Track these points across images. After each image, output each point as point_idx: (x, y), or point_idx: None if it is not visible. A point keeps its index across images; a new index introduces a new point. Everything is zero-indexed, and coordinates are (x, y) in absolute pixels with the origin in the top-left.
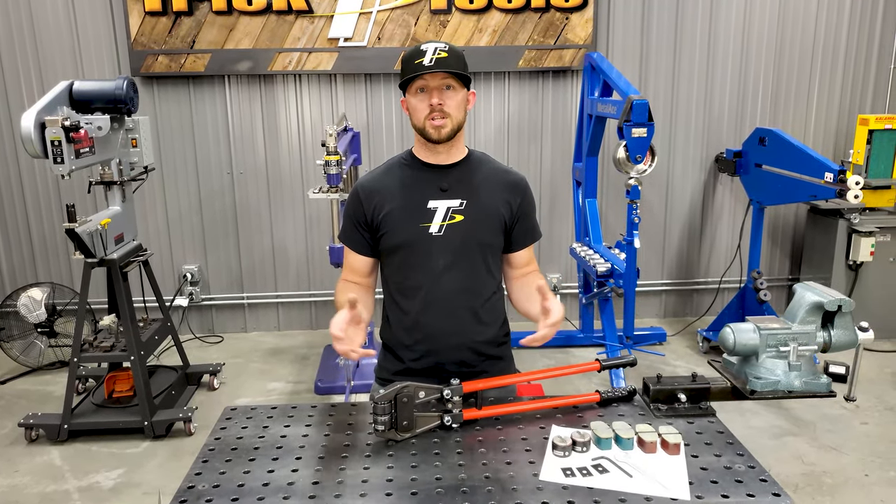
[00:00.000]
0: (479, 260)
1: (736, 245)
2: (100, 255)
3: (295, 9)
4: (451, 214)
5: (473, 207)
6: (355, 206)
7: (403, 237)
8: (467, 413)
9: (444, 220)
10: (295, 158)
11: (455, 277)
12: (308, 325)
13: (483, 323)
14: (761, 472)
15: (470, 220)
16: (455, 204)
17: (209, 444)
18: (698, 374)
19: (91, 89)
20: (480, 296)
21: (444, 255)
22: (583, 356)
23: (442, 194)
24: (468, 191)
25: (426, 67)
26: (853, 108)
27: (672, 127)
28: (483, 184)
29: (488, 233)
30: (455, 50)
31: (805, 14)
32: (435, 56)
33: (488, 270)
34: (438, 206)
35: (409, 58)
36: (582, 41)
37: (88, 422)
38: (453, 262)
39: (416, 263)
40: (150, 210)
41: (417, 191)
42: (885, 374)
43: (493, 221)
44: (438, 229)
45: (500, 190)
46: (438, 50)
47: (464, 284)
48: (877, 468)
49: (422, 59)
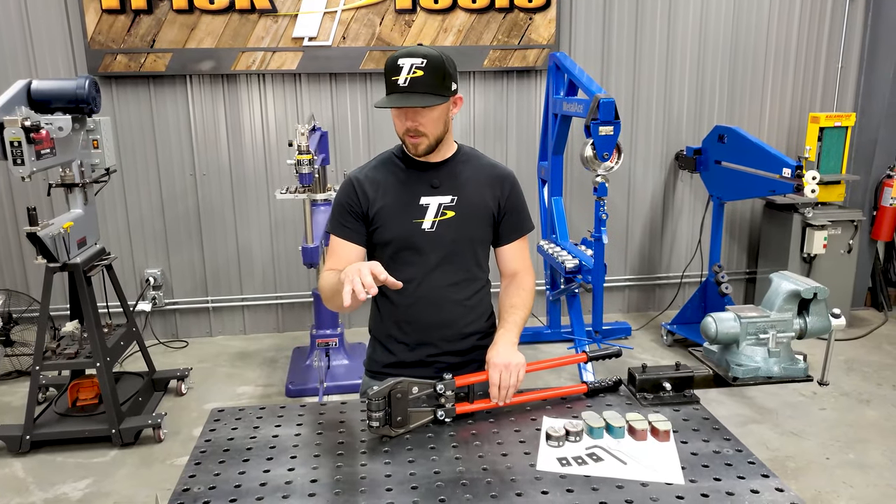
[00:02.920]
0: (469, 254)
1: (696, 240)
2: (63, 259)
3: (258, 8)
4: (443, 210)
5: (464, 203)
6: (350, 196)
7: (396, 232)
8: (460, 407)
9: (436, 217)
10: (259, 159)
11: (446, 272)
12: (275, 328)
13: (471, 315)
14: (749, 455)
15: (461, 216)
16: (446, 200)
17: (199, 446)
18: (681, 363)
19: (51, 89)
20: (470, 289)
21: (436, 251)
22: (551, 352)
23: (433, 191)
24: (458, 187)
25: (399, 89)
26: (804, 106)
27: (633, 126)
28: (472, 179)
29: (478, 228)
30: (433, 63)
31: (758, 17)
32: (410, 76)
33: (478, 264)
34: (430, 203)
35: (387, 71)
36: (545, 41)
37: (52, 431)
38: (445, 257)
39: (409, 259)
40: (111, 213)
41: (410, 187)
42: (839, 362)
43: (483, 216)
44: (431, 225)
45: (488, 185)
46: (414, 68)
47: (454, 278)
48: (836, 451)
49: (397, 77)
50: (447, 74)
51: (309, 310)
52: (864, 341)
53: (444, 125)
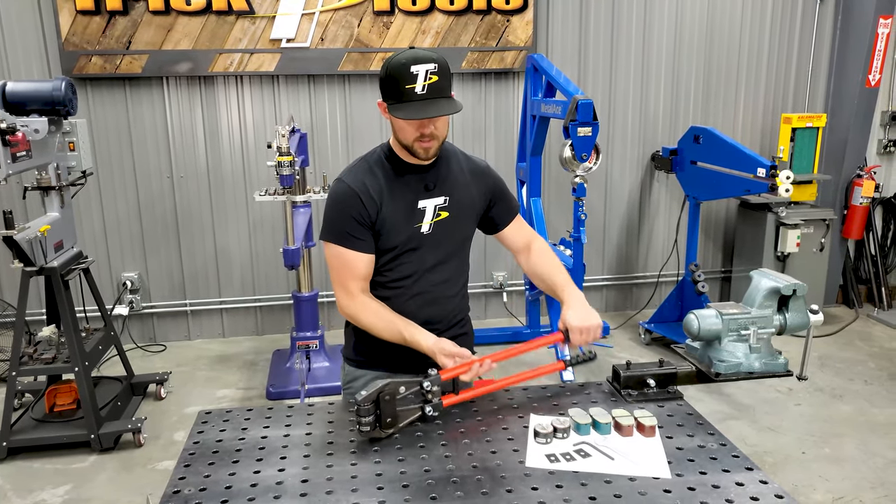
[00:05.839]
0: (460, 251)
1: (673, 240)
2: (40, 263)
3: (235, 9)
4: (438, 212)
5: (455, 203)
6: (359, 208)
7: (400, 239)
8: (446, 400)
9: (432, 219)
10: (237, 161)
11: (440, 269)
12: (254, 331)
13: (459, 307)
14: (732, 449)
15: (454, 216)
16: (440, 201)
17: (188, 448)
18: (664, 360)
19: (26, 90)
20: (459, 283)
21: (432, 251)
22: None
23: (427, 193)
24: (448, 187)
25: (418, 97)
26: (777, 107)
27: (610, 127)
28: (459, 178)
29: (468, 225)
30: (443, 66)
31: (731, 20)
32: (427, 83)
33: (465, 259)
34: (427, 206)
35: (398, 78)
36: (523, 43)
37: (29, 438)
38: (441, 257)
39: (407, 259)
40: (87, 216)
41: (407, 191)
42: (812, 358)
43: (472, 213)
44: (429, 228)
45: (473, 181)
46: (429, 74)
47: (447, 275)
48: (812, 445)
49: (413, 85)
50: (451, 75)
51: (288, 312)
52: (837, 338)
53: (448, 125)
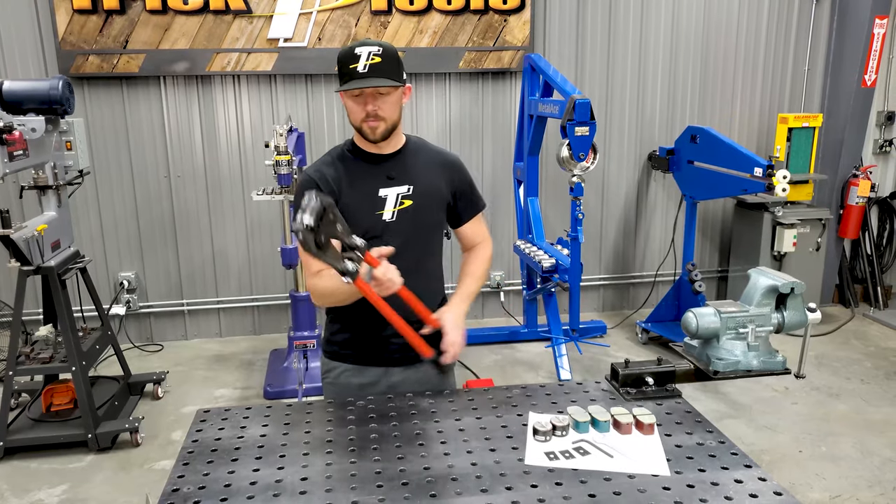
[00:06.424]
0: (427, 240)
1: (669, 239)
2: (37, 262)
3: (233, 9)
4: (401, 200)
5: (419, 191)
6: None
7: (361, 226)
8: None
9: (395, 207)
10: (235, 161)
11: (407, 259)
12: (251, 331)
13: (428, 298)
14: (731, 446)
15: (418, 204)
16: (403, 190)
17: (187, 446)
18: (663, 358)
19: (23, 89)
20: (431, 272)
21: (396, 239)
22: (528, 350)
23: (390, 182)
24: (412, 176)
25: (359, 75)
26: (773, 107)
27: (607, 127)
28: (424, 168)
29: (434, 213)
30: (389, 51)
31: (727, 20)
32: (368, 62)
33: (432, 249)
34: (389, 194)
35: (344, 60)
36: (520, 43)
37: (26, 437)
38: (405, 245)
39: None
40: (83, 215)
41: (367, 181)
42: (808, 357)
43: (438, 202)
44: (391, 216)
45: (439, 171)
46: (372, 55)
47: (414, 265)
48: (809, 444)
49: (355, 64)
50: (400, 63)
51: (285, 312)
52: (833, 337)
53: (398, 111)
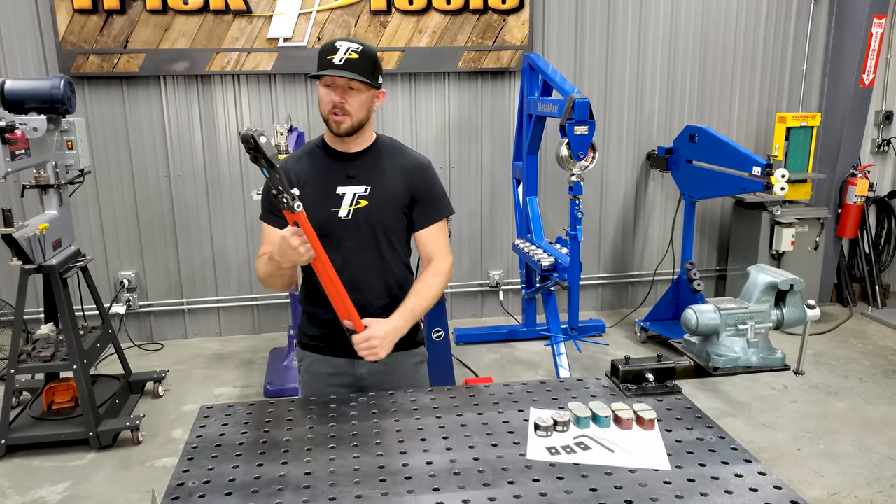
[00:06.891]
0: (383, 240)
1: (668, 238)
2: (38, 261)
3: (233, 8)
4: (357, 199)
5: (377, 192)
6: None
7: (315, 221)
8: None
9: (351, 205)
10: (234, 160)
11: (364, 257)
12: (251, 330)
13: (392, 297)
14: (731, 441)
15: (373, 205)
16: (360, 190)
17: (191, 442)
18: (662, 355)
19: (25, 89)
20: (389, 273)
21: (352, 237)
22: (526, 349)
23: (349, 181)
24: (372, 177)
25: (334, 66)
26: (771, 106)
27: (606, 126)
28: (387, 170)
29: (390, 216)
30: (368, 51)
31: (726, 19)
32: (345, 56)
33: (393, 250)
34: (346, 192)
35: (323, 52)
36: (519, 42)
37: (28, 435)
38: (361, 244)
39: (329, 245)
40: (84, 215)
41: (327, 177)
42: (807, 356)
43: (395, 204)
44: (347, 214)
45: (401, 174)
46: (350, 50)
47: (372, 263)
48: (807, 442)
49: (333, 56)
50: (378, 66)
51: (285, 310)
52: (831, 335)
53: (367, 111)
